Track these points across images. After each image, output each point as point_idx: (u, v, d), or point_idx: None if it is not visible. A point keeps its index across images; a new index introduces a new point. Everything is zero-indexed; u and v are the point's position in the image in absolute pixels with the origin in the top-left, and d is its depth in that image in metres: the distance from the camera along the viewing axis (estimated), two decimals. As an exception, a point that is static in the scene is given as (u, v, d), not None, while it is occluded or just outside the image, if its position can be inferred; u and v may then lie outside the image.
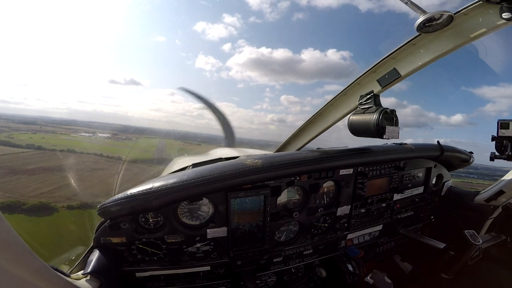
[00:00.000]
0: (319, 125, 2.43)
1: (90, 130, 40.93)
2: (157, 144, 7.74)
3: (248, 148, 3.67)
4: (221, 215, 1.51)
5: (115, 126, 52.63)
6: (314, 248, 1.86)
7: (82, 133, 39.92)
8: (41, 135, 39.54)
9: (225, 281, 1.70)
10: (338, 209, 1.83)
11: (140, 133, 38.88)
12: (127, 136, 37.16)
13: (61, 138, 40.41)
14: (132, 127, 50.94)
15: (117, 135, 38.90)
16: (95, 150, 26.94)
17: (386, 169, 1.95)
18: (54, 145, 33.18)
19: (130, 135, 37.35)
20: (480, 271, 1.83)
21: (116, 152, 26.58)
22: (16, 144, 32.98)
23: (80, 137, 38.51)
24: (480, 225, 2.18)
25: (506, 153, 1.80)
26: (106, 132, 39.17)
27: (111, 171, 5.50)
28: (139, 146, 11.08)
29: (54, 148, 32.16)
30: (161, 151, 6.76)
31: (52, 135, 41.31)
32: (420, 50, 1.61)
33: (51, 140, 36.89)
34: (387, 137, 1.48)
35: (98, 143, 33.63)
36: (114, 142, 36.13)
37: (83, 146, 33.76)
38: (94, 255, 1.34)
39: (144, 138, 35.68)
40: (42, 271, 0.83)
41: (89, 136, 38.54)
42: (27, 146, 32.03)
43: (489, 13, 1.32)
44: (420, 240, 1.96)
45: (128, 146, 31.16)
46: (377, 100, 1.63)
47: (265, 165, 1.44)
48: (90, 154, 25.13)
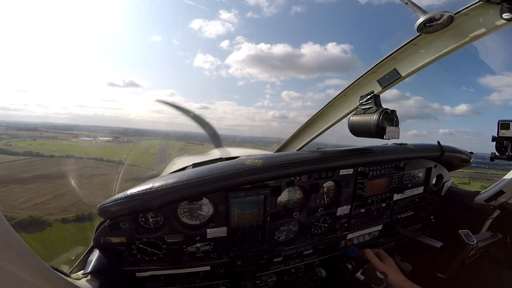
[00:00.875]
0: (319, 125, 2.43)
1: (91, 134, 40.56)
2: (159, 145, 7.68)
3: (248, 148, 3.67)
4: (221, 215, 1.51)
5: (116, 129, 52.34)
6: (314, 248, 1.86)
7: (83, 138, 39.51)
8: (40, 141, 38.74)
9: (225, 281, 1.70)
10: (338, 209, 1.83)
11: (141, 135, 38.51)
12: (129, 138, 36.78)
13: (61, 143, 39.66)
14: (133, 129, 50.52)
15: (118, 138, 38.51)
16: (95, 155, 26.17)
17: (386, 169, 1.95)
18: (53, 151, 32.30)
19: (132, 137, 36.97)
20: (479, 270, 1.83)
21: (117, 155, 25.91)
22: (13, 151, 31.86)
23: (81, 142, 38.00)
24: (479, 225, 2.19)
25: (506, 154, 1.81)
26: (107, 136, 38.88)
27: (111, 177, 5.28)
28: (141, 148, 10.76)
29: (53, 154, 31.24)
30: (164, 152, 6.73)
31: (52, 141, 40.55)
32: (420, 50, 1.61)
33: (50, 146, 36.05)
34: (387, 137, 1.48)
35: (99, 147, 32.95)
36: (115, 145, 35.56)
37: (83, 151, 33.00)
38: (94, 255, 1.34)
39: (145, 140, 35.06)
40: (42, 271, 0.83)
41: (90, 140, 38.12)
42: (25, 153, 30.91)
43: (489, 14, 1.32)
44: (417, 239, 1.96)
45: (130, 148, 30.58)
46: (377, 100, 1.64)
47: (265, 165, 1.44)
48: (90, 159, 24.17)
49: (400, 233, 2.11)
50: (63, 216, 11.95)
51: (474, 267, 1.65)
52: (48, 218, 13.12)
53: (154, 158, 9.00)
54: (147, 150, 11.23)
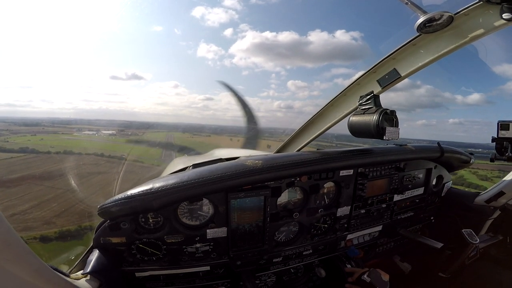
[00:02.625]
0: (319, 125, 2.43)
1: (94, 127, 39.28)
2: (165, 137, 7.45)
3: (248, 149, 3.68)
4: (221, 215, 1.51)
5: (121, 122, 51.10)
6: (313, 249, 1.86)
7: (86, 131, 38.61)
8: (40, 136, 37.22)
9: (225, 281, 1.70)
10: (338, 209, 1.83)
11: (146, 128, 36.99)
12: (133, 131, 35.13)
13: (61, 138, 38.32)
14: (138, 122, 49.24)
15: (123, 131, 37.30)
16: (95, 150, 24.63)
17: (386, 170, 1.95)
18: (51, 147, 30.56)
19: (137, 130, 35.35)
20: (479, 270, 1.83)
21: (120, 150, 24.21)
22: (7, 148, 28.91)
23: (83, 136, 36.91)
24: (480, 226, 2.18)
25: (506, 155, 1.80)
26: (111, 129, 37.75)
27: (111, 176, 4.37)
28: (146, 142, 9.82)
29: (50, 150, 29.28)
30: (170, 146, 6.53)
31: (53, 136, 39.10)
32: (420, 50, 1.61)
33: (49, 142, 34.26)
34: (387, 138, 1.48)
35: (101, 141, 31.64)
36: (118, 139, 34.17)
37: (83, 146, 31.60)
38: (93, 255, 1.34)
39: (151, 133, 33.44)
40: (42, 271, 0.83)
41: (93, 134, 36.99)
42: (20, 150, 27.93)
43: (489, 14, 1.32)
44: (418, 240, 1.96)
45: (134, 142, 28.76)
46: (377, 101, 1.63)
47: (265, 166, 1.44)
48: (90, 154, 22.51)
49: (400, 233, 2.10)
50: (43, 231, 9.31)
51: (474, 268, 1.64)
52: (22, 234, 9.52)
53: (159, 153, 8.44)
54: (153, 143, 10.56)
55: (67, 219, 5.97)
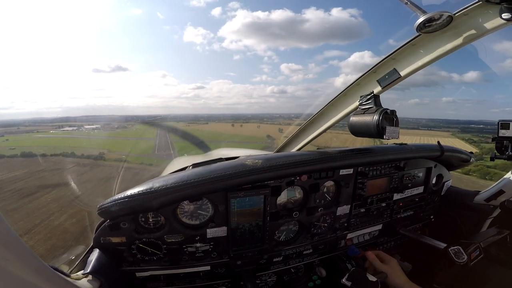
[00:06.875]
0: (319, 125, 2.44)
1: (76, 123, 37.64)
2: (157, 130, 7.16)
3: (248, 149, 3.70)
4: (221, 215, 1.51)
5: (109, 117, 49.70)
6: (314, 248, 1.87)
7: (66, 128, 37.04)
8: (6, 137, 34.86)
9: (225, 281, 1.70)
10: (338, 208, 1.83)
11: (136, 121, 35.16)
12: (121, 124, 33.18)
13: (33, 137, 36.23)
14: (127, 116, 47.30)
15: (108, 125, 35.56)
16: (69, 148, 22.27)
17: (386, 169, 1.95)
18: (12, 148, 28.55)
19: (125, 123, 33.46)
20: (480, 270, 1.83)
21: (102, 146, 21.96)
22: None
23: (60, 133, 35.10)
24: (479, 225, 2.19)
25: (506, 154, 1.81)
26: (96, 124, 36.16)
27: (74, 190, 3.55)
28: (135, 135, 9.32)
29: (10, 152, 26.63)
30: (164, 137, 6.24)
31: (25, 135, 36.93)
32: (420, 50, 1.62)
33: (12, 143, 32.00)
34: (387, 137, 1.49)
35: (79, 137, 29.56)
36: (101, 133, 31.93)
37: (54, 144, 29.32)
38: (94, 255, 1.34)
39: (140, 125, 31.56)
40: (42, 271, 0.83)
41: (72, 130, 35.23)
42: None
43: (488, 14, 1.32)
44: (421, 240, 1.96)
45: (122, 135, 27.18)
46: (377, 100, 1.64)
47: (265, 165, 1.44)
48: (56, 155, 19.58)
49: (400, 232, 2.11)
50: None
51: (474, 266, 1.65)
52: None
53: (151, 144, 8.00)
54: (142, 135, 10.27)
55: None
